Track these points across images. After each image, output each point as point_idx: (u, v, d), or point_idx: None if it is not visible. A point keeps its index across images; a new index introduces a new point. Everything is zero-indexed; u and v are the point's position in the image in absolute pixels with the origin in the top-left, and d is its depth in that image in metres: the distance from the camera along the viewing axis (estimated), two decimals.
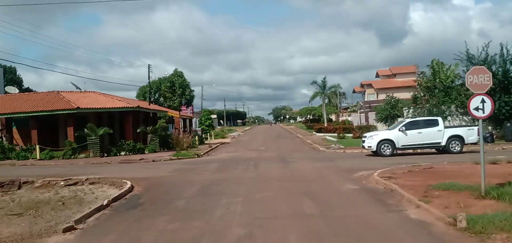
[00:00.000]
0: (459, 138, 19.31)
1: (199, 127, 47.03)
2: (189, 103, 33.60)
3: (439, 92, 27.70)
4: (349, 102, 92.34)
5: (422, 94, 28.62)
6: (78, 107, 26.07)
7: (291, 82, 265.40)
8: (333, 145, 25.51)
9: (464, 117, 28.11)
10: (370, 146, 19.49)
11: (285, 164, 17.24)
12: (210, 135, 45.22)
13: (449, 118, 28.07)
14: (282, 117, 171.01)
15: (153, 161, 21.58)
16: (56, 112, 26.27)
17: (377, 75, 74.51)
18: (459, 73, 28.50)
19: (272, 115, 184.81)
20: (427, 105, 27.75)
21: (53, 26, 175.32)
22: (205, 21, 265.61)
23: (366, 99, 66.36)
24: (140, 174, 15.84)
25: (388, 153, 19.10)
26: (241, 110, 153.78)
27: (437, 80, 28.05)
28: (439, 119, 20.24)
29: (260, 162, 18.40)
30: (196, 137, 34.57)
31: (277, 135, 50.93)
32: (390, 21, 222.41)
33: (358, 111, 63.74)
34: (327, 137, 35.13)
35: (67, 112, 26.06)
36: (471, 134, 19.37)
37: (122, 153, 25.40)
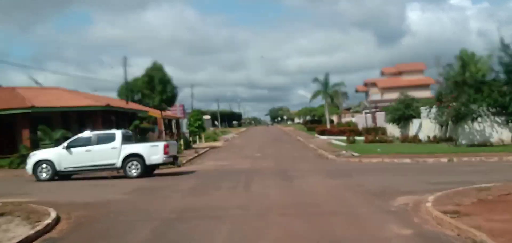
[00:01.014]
0: (138, 157, 14.74)
1: (188, 129, 42.37)
2: (171, 101, 29.00)
3: (469, 88, 23.24)
4: (350, 102, 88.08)
5: (448, 91, 24.10)
6: (32, 106, 21.51)
7: (287, 82, 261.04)
8: (344, 152, 20.99)
9: (496, 118, 23.76)
10: (28, 168, 15.09)
11: (287, 181, 12.67)
12: (200, 138, 40.64)
13: (479, 119, 23.68)
14: (279, 118, 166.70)
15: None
16: (6, 112, 21.62)
17: (382, 74, 70.19)
18: (490, 66, 24.13)
19: (268, 116, 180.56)
20: (455, 103, 23.26)
21: (42, 25, 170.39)
22: (199, 20, 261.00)
23: (369, 99, 62.05)
24: (84, 195, 11.29)
25: (45, 177, 14.74)
26: (237, 111, 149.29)
27: (467, 74, 23.61)
28: (117, 133, 15.40)
29: (254, 177, 13.82)
30: (182, 140, 30.00)
31: (275, 138, 46.39)
32: (388, 20, 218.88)
33: (363, 111, 59.29)
34: (333, 141, 30.57)
35: (20, 111, 21.46)
36: (154, 152, 14.87)
37: None
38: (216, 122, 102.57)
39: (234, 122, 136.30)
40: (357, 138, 29.20)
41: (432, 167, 15.16)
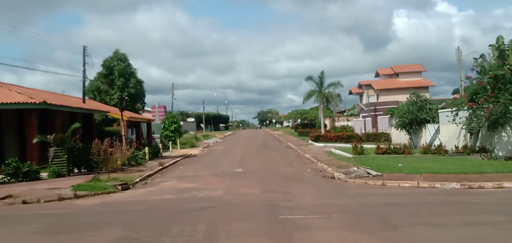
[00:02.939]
0: None
1: (163, 133, 36.59)
2: (135, 99, 23.13)
3: (511, 84, 18.02)
4: (342, 106, 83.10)
5: (483, 88, 18.81)
6: None
7: (276, 86, 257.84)
8: (355, 168, 15.46)
9: None
10: None
11: (282, 240, 7.02)
12: (176, 144, 34.88)
13: None
14: (267, 122, 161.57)
15: (25, 203, 11.23)
16: None
17: (377, 75, 65.55)
18: None
19: (257, 119, 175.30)
20: (491, 105, 17.99)
21: (32, 26, 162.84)
22: (189, 23, 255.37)
23: (365, 101, 57.05)
24: None
25: None
26: (224, 113, 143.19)
27: (507, 66, 18.42)
28: None
29: (222, 225, 7.97)
30: (146, 148, 24.22)
31: (262, 144, 40.77)
32: (375, 26, 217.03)
33: (360, 114, 54.21)
34: (334, 150, 25.06)
35: None
36: None
37: None
38: (201, 125, 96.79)
39: (221, 125, 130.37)
40: (365, 146, 23.65)
41: (505, 199, 9.71)
